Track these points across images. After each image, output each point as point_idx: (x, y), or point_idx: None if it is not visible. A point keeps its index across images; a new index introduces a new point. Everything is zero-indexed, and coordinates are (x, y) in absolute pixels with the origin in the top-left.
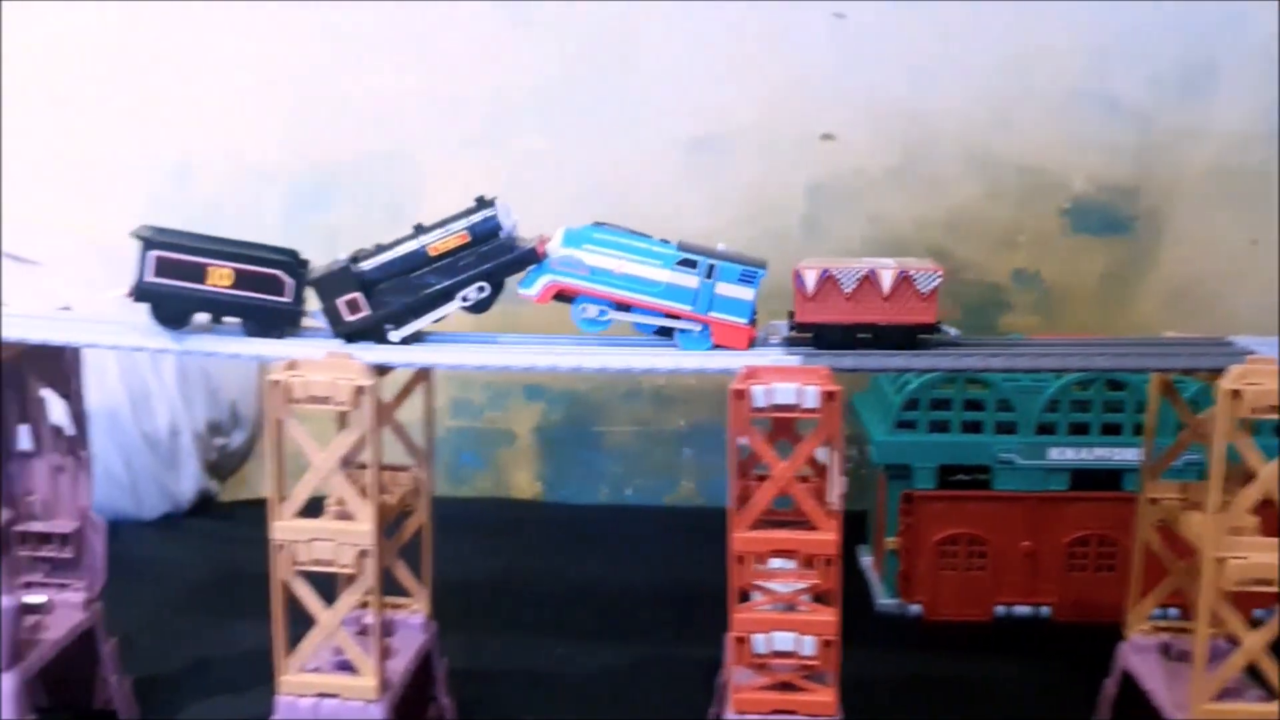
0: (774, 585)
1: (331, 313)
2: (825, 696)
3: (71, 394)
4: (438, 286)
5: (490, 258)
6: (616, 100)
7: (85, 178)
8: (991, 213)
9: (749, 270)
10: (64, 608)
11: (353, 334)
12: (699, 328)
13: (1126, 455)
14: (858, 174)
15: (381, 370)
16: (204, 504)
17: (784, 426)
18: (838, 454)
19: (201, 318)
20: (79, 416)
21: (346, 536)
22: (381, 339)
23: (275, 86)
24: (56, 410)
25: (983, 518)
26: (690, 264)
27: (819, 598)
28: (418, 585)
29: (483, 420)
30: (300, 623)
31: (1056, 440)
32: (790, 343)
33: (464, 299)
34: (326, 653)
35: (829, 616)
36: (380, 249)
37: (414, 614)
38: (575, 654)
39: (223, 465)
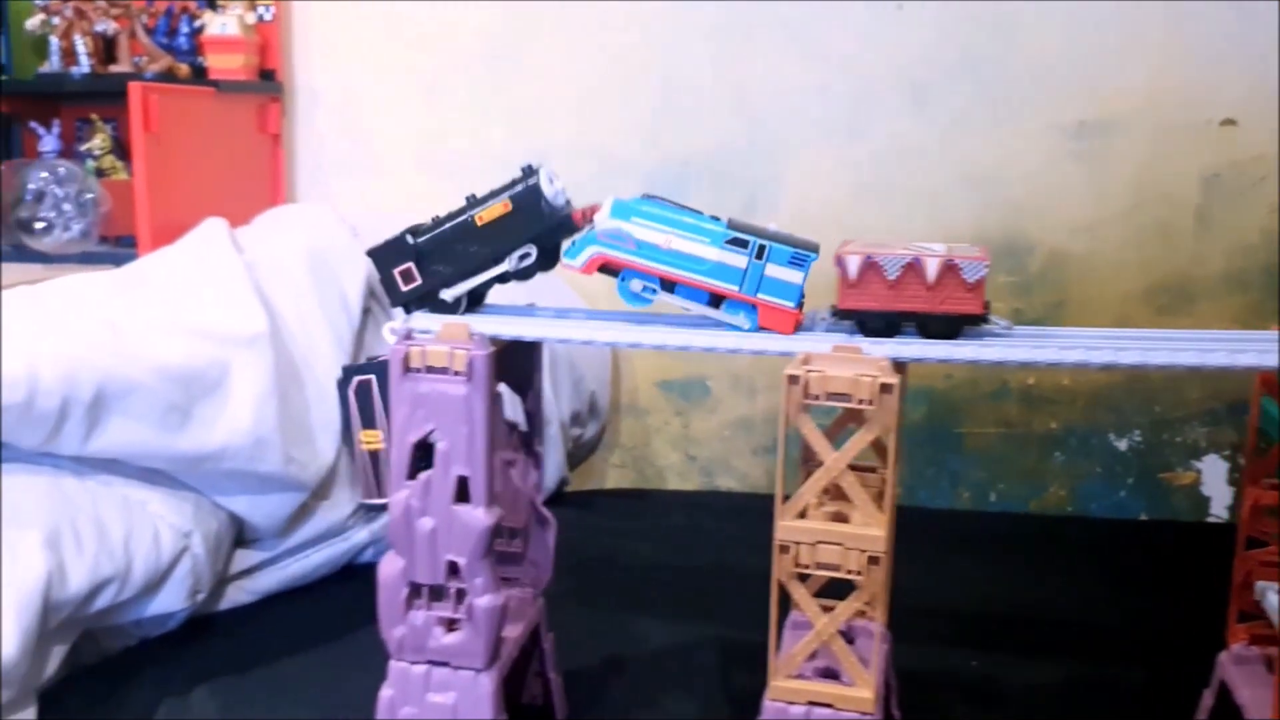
0: None
1: (389, 283)
2: None
3: (528, 388)
4: (483, 255)
5: (532, 225)
6: (994, 84)
7: (453, 170)
8: None
9: (800, 254)
10: (515, 603)
11: (409, 303)
12: (745, 309)
13: None
14: (1260, 161)
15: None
16: (559, 494)
17: None
18: None
19: None
20: (533, 411)
21: (857, 541)
22: (436, 307)
23: (637, 80)
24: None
25: None
26: (740, 243)
27: None
28: None
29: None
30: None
31: None
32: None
33: (507, 265)
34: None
35: None
36: (436, 222)
37: (870, 621)
38: (997, 668)
39: (575, 456)
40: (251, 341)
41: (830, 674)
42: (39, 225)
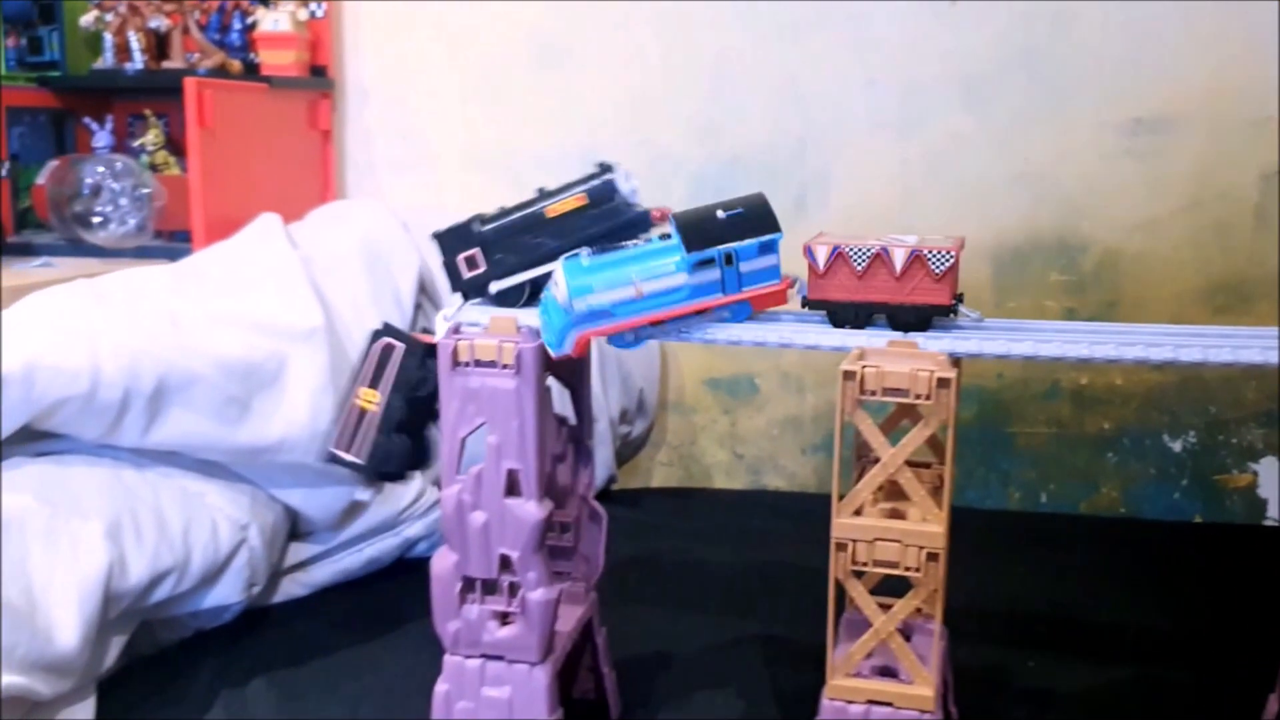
0: None
1: (451, 268)
2: None
3: (578, 383)
4: (550, 247)
5: (605, 220)
6: (1048, 80)
7: (501, 166)
8: None
9: (765, 241)
10: (567, 597)
11: (469, 290)
12: (735, 306)
13: None
14: None
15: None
16: (606, 492)
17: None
18: None
19: None
20: (582, 406)
21: (915, 538)
22: (499, 294)
23: (687, 76)
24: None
25: None
26: (707, 261)
27: None
28: None
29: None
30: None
31: None
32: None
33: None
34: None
35: None
36: (504, 211)
37: (927, 620)
38: (1053, 669)
39: (622, 453)
40: (308, 335)
41: (886, 672)
42: (95, 219)
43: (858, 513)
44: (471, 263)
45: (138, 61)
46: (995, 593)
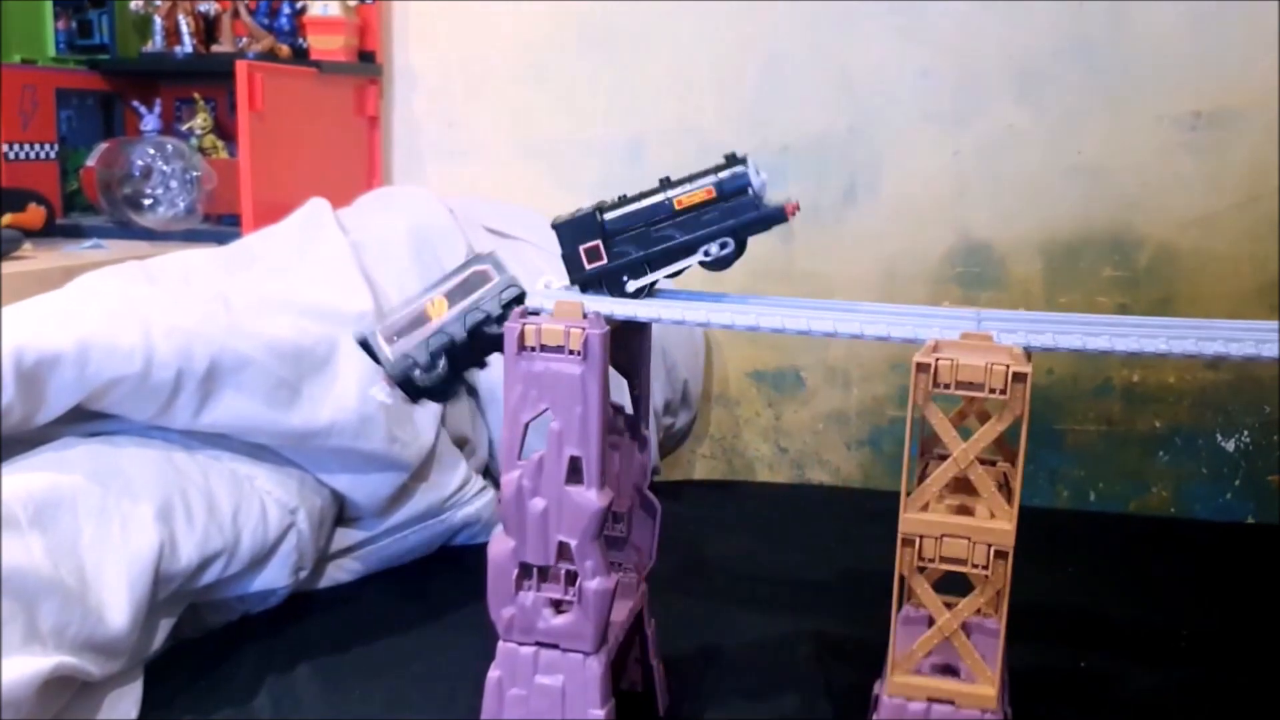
0: None
1: (571, 259)
2: None
3: (636, 373)
4: (678, 240)
5: (735, 214)
6: (1106, 72)
7: (548, 154)
8: None
9: None
10: (620, 588)
11: (587, 282)
12: None
13: None
14: None
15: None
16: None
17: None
18: None
19: None
20: (639, 396)
21: (984, 535)
22: (617, 290)
23: (737, 64)
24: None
25: None
26: None
27: None
28: None
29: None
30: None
31: None
32: None
33: (705, 253)
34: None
35: None
36: (625, 200)
37: (986, 618)
38: (1106, 670)
39: (664, 445)
40: (358, 320)
41: (945, 670)
42: (146, 201)
43: (926, 508)
44: (593, 254)
45: (187, 45)
46: (1043, 592)
